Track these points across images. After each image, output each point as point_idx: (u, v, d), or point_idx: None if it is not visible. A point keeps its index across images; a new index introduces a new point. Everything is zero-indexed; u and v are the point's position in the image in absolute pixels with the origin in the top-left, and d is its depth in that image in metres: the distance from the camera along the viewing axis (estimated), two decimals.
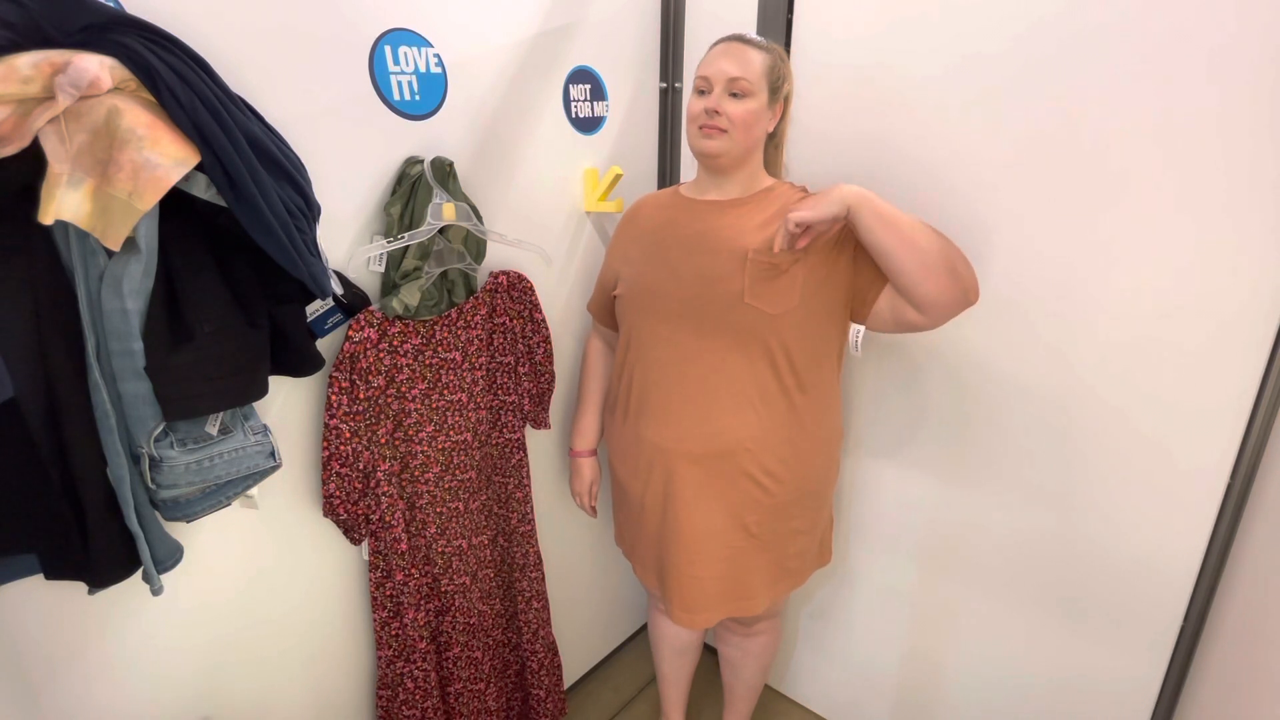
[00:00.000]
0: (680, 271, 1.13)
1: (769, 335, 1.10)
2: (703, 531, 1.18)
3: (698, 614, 1.23)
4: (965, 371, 1.25)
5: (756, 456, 1.14)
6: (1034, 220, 1.11)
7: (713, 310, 1.10)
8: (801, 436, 1.17)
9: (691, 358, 1.13)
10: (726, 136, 1.07)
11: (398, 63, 1.03)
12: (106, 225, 0.66)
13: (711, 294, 1.10)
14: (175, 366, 0.76)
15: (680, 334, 1.13)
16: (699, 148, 1.10)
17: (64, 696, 0.89)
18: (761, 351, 1.11)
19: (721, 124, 1.06)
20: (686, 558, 1.20)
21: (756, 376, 1.12)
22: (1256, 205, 0.95)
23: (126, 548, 0.81)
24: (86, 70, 0.62)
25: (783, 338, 1.10)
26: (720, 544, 1.19)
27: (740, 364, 1.11)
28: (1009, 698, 1.37)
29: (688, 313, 1.12)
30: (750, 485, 1.16)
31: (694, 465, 1.16)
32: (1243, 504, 1.05)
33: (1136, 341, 1.07)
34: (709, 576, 1.20)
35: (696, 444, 1.15)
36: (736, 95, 1.05)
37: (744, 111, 1.06)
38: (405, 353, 1.11)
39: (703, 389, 1.13)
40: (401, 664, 1.22)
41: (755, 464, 1.15)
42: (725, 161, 1.10)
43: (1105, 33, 1.00)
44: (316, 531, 1.12)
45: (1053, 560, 1.24)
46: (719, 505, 1.17)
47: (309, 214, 0.82)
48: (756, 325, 1.09)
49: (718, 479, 1.16)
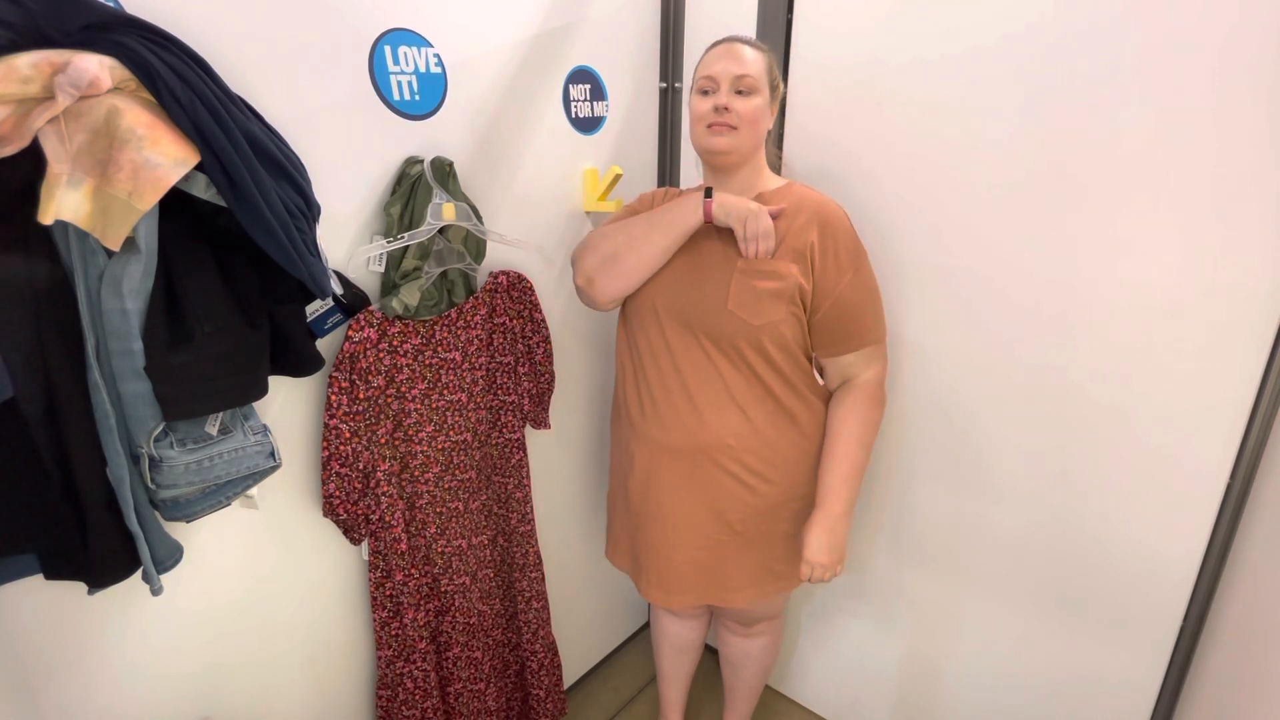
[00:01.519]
0: (679, 271, 1.13)
1: (754, 342, 1.10)
2: (681, 519, 1.20)
3: (673, 595, 1.25)
4: (965, 371, 1.25)
5: (738, 455, 1.15)
6: (1033, 219, 1.11)
7: (699, 313, 1.11)
8: (795, 440, 1.17)
9: (681, 356, 1.14)
10: (736, 133, 1.07)
11: (397, 63, 1.03)
12: (106, 225, 0.66)
13: (700, 296, 1.11)
14: (175, 366, 0.76)
15: (671, 334, 1.14)
16: (708, 145, 1.10)
17: (64, 696, 0.89)
18: (745, 357, 1.11)
19: (731, 120, 1.06)
20: (662, 539, 1.22)
21: (743, 379, 1.13)
22: (1256, 204, 0.95)
23: (126, 548, 0.81)
24: (86, 70, 0.62)
25: (768, 345, 1.10)
26: (699, 534, 1.20)
27: (726, 366, 1.13)
28: (1009, 698, 1.37)
29: (679, 313, 1.13)
30: (733, 483, 1.17)
31: (675, 457, 1.17)
32: (1242, 504, 1.05)
33: (1136, 341, 1.07)
34: (684, 561, 1.22)
35: (679, 437, 1.16)
36: (743, 92, 1.06)
37: (752, 108, 1.07)
38: (405, 353, 1.11)
39: (690, 387, 1.14)
40: (401, 664, 1.22)
41: (736, 462, 1.15)
42: (734, 159, 1.11)
43: (1105, 31, 1.00)
44: (316, 531, 1.12)
45: (1052, 560, 1.24)
46: (699, 498, 1.18)
47: (309, 214, 0.82)
48: (741, 332, 1.09)
49: (698, 473, 1.17)
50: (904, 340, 1.30)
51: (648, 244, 1.12)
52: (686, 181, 1.56)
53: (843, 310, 1.11)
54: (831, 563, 1.16)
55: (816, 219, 1.09)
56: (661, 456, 1.19)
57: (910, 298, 1.28)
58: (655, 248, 1.12)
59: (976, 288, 1.20)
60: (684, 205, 1.10)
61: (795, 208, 1.11)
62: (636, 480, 1.24)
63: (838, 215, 1.11)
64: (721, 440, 1.14)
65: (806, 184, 1.18)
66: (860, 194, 1.27)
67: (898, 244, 1.26)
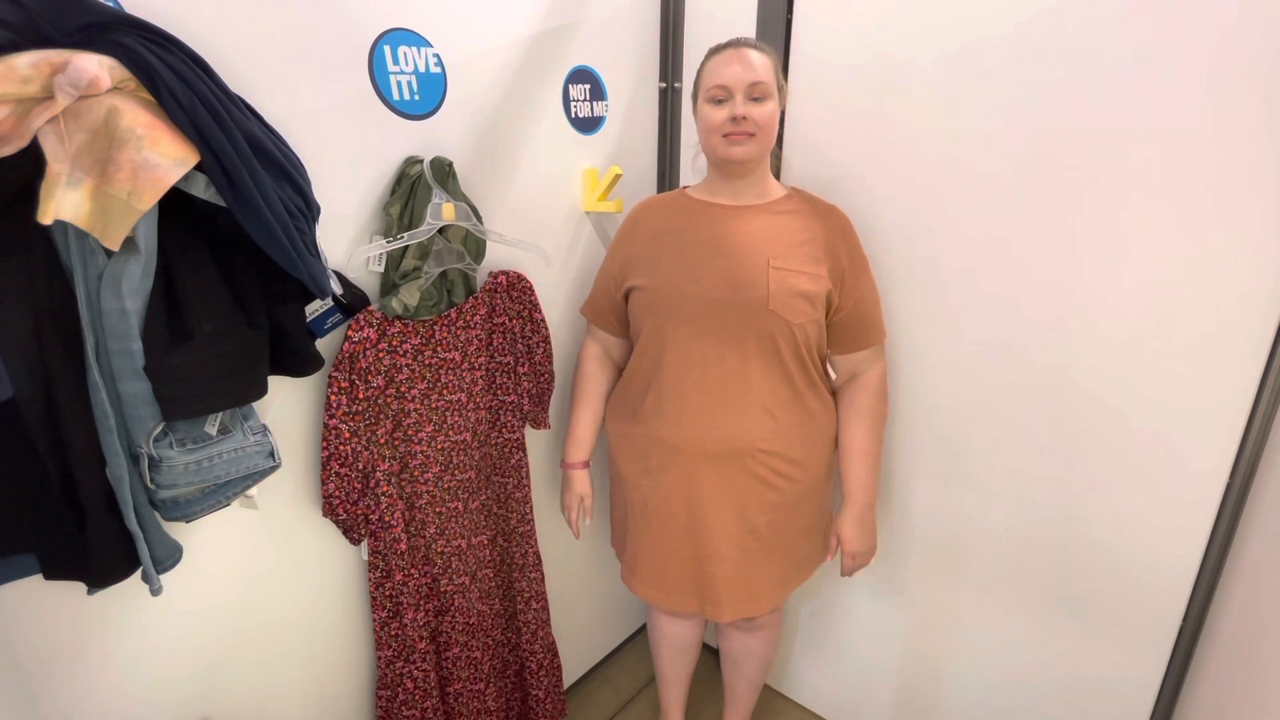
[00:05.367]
0: (701, 275, 1.13)
1: (790, 340, 1.12)
2: (716, 529, 1.20)
3: (708, 604, 1.25)
4: (965, 371, 1.25)
5: (768, 459, 1.16)
6: (1033, 218, 1.11)
7: (736, 315, 1.11)
8: (815, 435, 1.20)
9: (712, 361, 1.14)
10: (755, 141, 1.08)
11: (397, 62, 1.03)
12: (106, 225, 0.66)
13: (736, 299, 1.11)
14: (174, 366, 0.76)
15: (701, 338, 1.14)
16: (728, 155, 1.10)
17: (63, 696, 0.89)
18: (781, 356, 1.13)
19: (750, 129, 1.07)
20: (702, 554, 1.22)
21: (774, 381, 1.14)
22: (1256, 204, 0.95)
23: (126, 548, 0.81)
24: (85, 70, 0.62)
25: (802, 343, 1.13)
26: (730, 544, 1.20)
27: (759, 369, 1.13)
28: (1009, 697, 1.37)
29: (711, 315, 1.12)
30: (761, 487, 1.18)
31: (709, 465, 1.17)
32: (1242, 503, 1.05)
33: (1136, 341, 1.07)
34: (721, 574, 1.22)
35: (712, 445, 1.16)
36: (757, 99, 1.07)
37: (767, 114, 1.08)
38: (404, 353, 1.11)
39: (721, 392, 1.14)
40: (401, 664, 1.22)
41: (766, 466, 1.17)
42: (751, 165, 1.12)
43: (1105, 30, 1.00)
44: (316, 531, 1.12)
45: (1052, 560, 1.24)
46: (729, 505, 1.19)
47: (308, 214, 0.82)
48: (780, 331, 1.11)
49: (730, 480, 1.17)
50: (905, 340, 1.30)
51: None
52: (685, 181, 1.56)
53: (862, 310, 1.18)
54: (870, 550, 1.28)
55: (835, 223, 1.17)
56: (696, 465, 1.17)
57: (910, 297, 1.28)
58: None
59: (976, 286, 1.20)
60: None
61: (813, 211, 1.17)
62: (662, 497, 1.22)
63: (848, 220, 1.19)
64: (754, 444, 1.15)
65: (804, 189, 1.19)
66: (861, 193, 1.27)
67: (898, 243, 1.26)
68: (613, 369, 1.35)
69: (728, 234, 1.13)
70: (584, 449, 1.35)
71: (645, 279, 1.18)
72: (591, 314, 1.32)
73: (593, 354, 1.34)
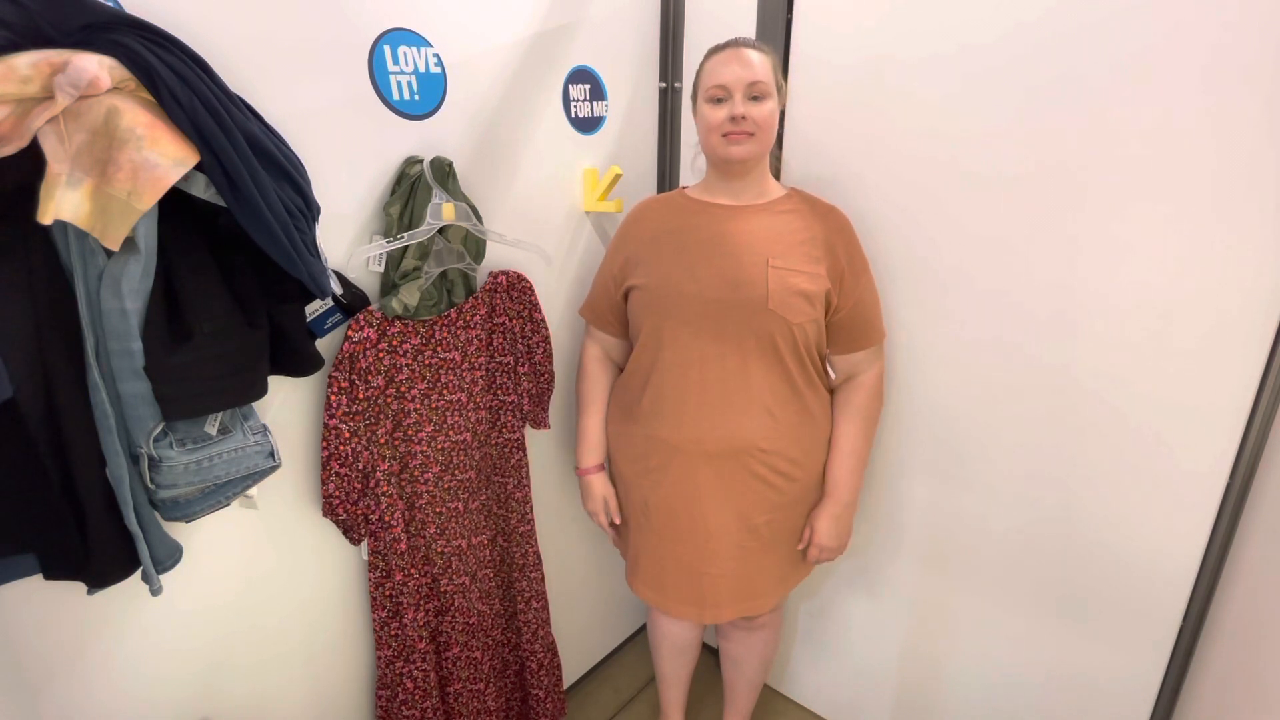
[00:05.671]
0: (700, 274, 1.13)
1: (789, 340, 1.12)
2: (716, 529, 1.20)
3: (705, 610, 1.24)
4: (964, 371, 1.25)
5: (768, 458, 1.17)
6: (1033, 218, 1.11)
7: (736, 315, 1.11)
8: (814, 434, 1.21)
9: (711, 360, 1.14)
10: (754, 140, 1.08)
11: (397, 62, 1.03)
12: (105, 225, 0.66)
13: (735, 298, 1.11)
14: (174, 366, 0.76)
15: (700, 337, 1.14)
16: (727, 155, 1.10)
17: (63, 697, 0.89)
18: (780, 356, 1.13)
19: (749, 128, 1.07)
20: (701, 555, 1.22)
21: (773, 381, 1.14)
22: (1255, 204, 0.95)
23: (126, 548, 0.81)
24: (85, 70, 0.62)
25: (802, 343, 1.14)
26: (730, 543, 1.20)
27: (758, 368, 1.13)
28: (1009, 697, 1.37)
29: (710, 315, 1.13)
30: (760, 486, 1.18)
31: (709, 464, 1.17)
32: (1242, 503, 1.05)
33: (1136, 341, 1.07)
34: (720, 574, 1.22)
35: (712, 444, 1.16)
36: (756, 98, 1.07)
37: (767, 113, 1.08)
38: (405, 353, 1.11)
39: (721, 391, 1.14)
40: (401, 664, 1.22)
41: (765, 465, 1.17)
42: (750, 165, 1.12)
43: (1105, 30, 1.00)
44: (316, 531, 1.12)
45: (1052, 559, 1.24)
46: (729, 505, 1.19)
47: (308, 214, 0.82)
48: (779, 330, 1.11)
49: (729, 479, 1.18)
50: (904, 339, 1.30)
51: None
52: (685, 181, 1.56)
53: (861, 310, 1.18)
54: (839, 547, 1.28)
55: (835, 223, 1.17)
56: (696, 465, 1.18)
57: (910, 296, 1.28)
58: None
59: (975, 286, 1.20)
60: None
61: (812, 211, 1.17)
62: (662, 496, 1.22)
63: (848, 220, 1.19)
64: (753, 444, 1.15)
65: (803, 189, 1.20)
66: (861, 193, 1.27)
67: (898, 243, 1.26)
68: (615, 370, 1.35)
69: (727, 234, 1.13)
70: (597, 453, 1.34)
71: (644, 278, 1.18)
72: (591, 315, 1.32)
73: (594, 356, 1.34)
